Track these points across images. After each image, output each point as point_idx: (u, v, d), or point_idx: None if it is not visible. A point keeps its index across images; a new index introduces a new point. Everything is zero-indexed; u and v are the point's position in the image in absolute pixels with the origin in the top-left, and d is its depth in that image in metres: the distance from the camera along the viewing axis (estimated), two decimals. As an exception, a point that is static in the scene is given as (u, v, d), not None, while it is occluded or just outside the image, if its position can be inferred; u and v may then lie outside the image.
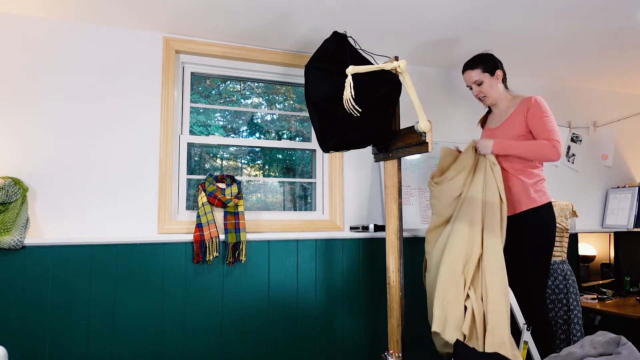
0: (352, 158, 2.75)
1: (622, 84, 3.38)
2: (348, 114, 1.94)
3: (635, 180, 3.56)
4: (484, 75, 2.23)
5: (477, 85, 2.25)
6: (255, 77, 2.70)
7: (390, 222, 2.23)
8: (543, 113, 2.12)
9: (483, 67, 2.23)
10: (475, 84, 2.25)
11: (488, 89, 2.24)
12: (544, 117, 2.11)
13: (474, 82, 2.26)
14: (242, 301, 2.41)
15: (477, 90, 2.27)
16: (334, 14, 2.23)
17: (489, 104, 2.32)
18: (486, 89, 2.24)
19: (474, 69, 2.24)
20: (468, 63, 2.28)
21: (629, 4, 2.16)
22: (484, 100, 2.30)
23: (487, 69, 2.23)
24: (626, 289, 3.21)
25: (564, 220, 2.79)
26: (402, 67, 1.91)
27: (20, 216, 2.07)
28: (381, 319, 2.68)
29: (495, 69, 2.24)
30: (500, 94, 2.28)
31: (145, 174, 2.33)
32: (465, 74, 2.28)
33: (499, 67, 2.25)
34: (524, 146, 2.10)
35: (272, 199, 2.78)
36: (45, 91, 2.20)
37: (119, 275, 2.21)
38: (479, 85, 2.25)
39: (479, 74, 2.23)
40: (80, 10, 2.16)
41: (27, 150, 2.16)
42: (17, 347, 2.04)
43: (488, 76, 2.23)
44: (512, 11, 2.23)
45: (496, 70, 2.24)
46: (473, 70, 2.24)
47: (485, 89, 2.24)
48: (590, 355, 1.51)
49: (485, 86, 2.24)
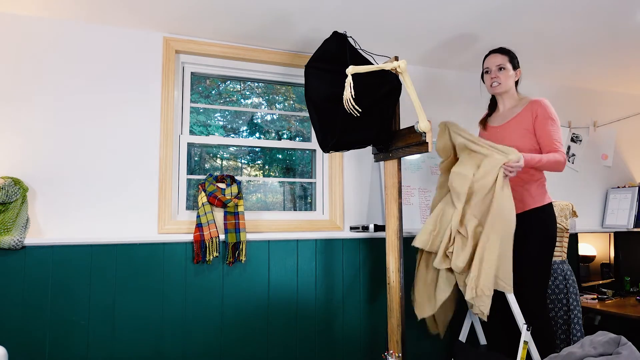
0: (352, 158, 2.75)
1: (622, 84, 3.38)
2: (348, 114, 1.94)
3: (635, 180, 3.56)
4: (508, 64, 2.26)
5: (499, 69, 2.26)
6: (255, 77, 2.70)
7: (390, 222, 2.23)
8: (551, 120, 2.16)
9: (510, 57, 2.27)
10: (497, 67, 2.27)
11: (506, 77, 2.26)
12: (552, 125, 2.15)
13: (497, 65, 2.27)
14: (242, 301, 2.41)
15: (496, 75, 2.27)
16: (334, 14, 2.23)
17: (498, 92, 2.31)
18: (503, 77, 2.26)
19: (502, 54, 2.27)
20: (497, 49, 2.31)
21: (629, 4, 2.17)
22: (495, 87, 2.29)
23: (513, 61, 2.28)
24: (626, 289, 3.21)
25: (564, 220, 2.79)
26: (402, 67, 1.92)
27: (20, 216, 2.07)
28: (381, 319, 2.68)
29: (518, 67, 2.30)
30: (510, 91, 2.30)
31: (145, 173, 2.33)
32: (492, 56, 2.30)
33: (519, 67, 2.31)
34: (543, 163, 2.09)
35: (272, 199, 2.78)
36: (45, 91, 2.20)
37: (119, 275, 2.21)
38: (500, 70, 2.26)
39: (505, 60, 2.26)
40: (80, 10, 2.16)
41: (27, 150, 2.16)
42: (17, 347, 2.04)
43: (511, 67, 2.27)
44: (512, 12, 2.23)
45: (518, 68, 2.30)
46: (501, 55, 2.27)
47: (503, 76, 2.26)
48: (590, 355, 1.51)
49: (504, 73, 2.26)
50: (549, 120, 2.15)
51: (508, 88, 2.28)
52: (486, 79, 2.33)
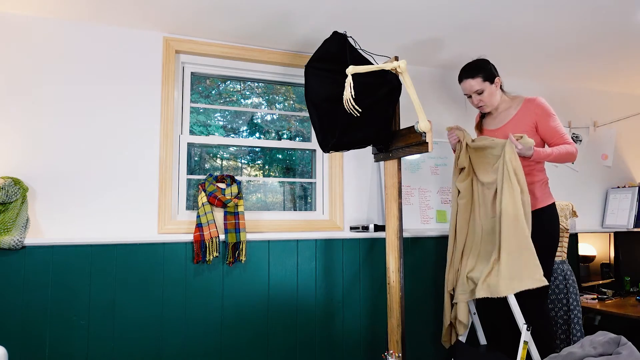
0: (352, 158, 2.75)
1: (622, 84, 3.38)
2: (348, 114, 1.94)
3: (635, 180, 3.56)
4: (484, 84, 2.16)
5: (478, 94, 2.19)
6: (255, 77, 2.70)
7: (390, 222, 2.23)
8: (552, 116, 2.16)
9: (483, 75, 2.17)
10: (476, 93, 2.19)
11: (488, 97, 2.19)
12: (554, 121, 2.16)
13: (474, 91, 2.19)
14: (242, 301, 2.41)
15: (478, 100, 2.20)
16: (334, 13, 2.23)
17: (487, 111, 2.30)
18: (487, 98, 2.19)
19: (474, 78, 2.17)
20: (467, 71, 2.20)
21: (628, 4, 2.17)
22: (482, 108, 2.26)
23: (488, 77, 2.17)
24: (626, 289, 3.21)
25: (564, 220, 2.79)
26: (402, 67, 1.92)
27: (20, 216, 2.07)
28: (381, 319, 2.68)
29: (495, 77, 2.19)
30: (499, 100, 2.25)
31: (146, 173, 2.33)
32: (465, 82, 2.20)
33: (497, 74, 2.21)
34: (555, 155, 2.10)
35: (272, 199, 2.78)
36: (45, 91, 2.20)
37: (119, 275, 2.21)
38: (480, 94, 2.19)
39: (479, 83, 2.16)
40: (80, 10, 2.16)
41: (28, 150, 2.16)
42: (17, 347, 2.04)
43: (488, 84, 2.17)
44: (512, 11, 2.23)
45: (495, 78, 2.19)
46: (473, 79, 2.17)
47: (486, 98, 2.19)
48: (590, 355, 1.51)
49: (485, 95, 2.18)
50: (550, 117, 2.16)
51: (496, 103, 2.23)
52: (470, 102, 2.29)
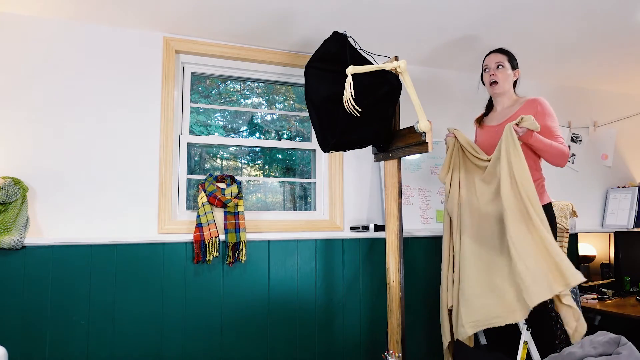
0: (352, 158, 2.75)
1: (622, 84, 3.38)
2: (348, 114, 1.94)
3: (635, 180, 3.56)
4: (507, 63, 2.28)
5: (497, 67, 2.29)
6: (255, 77, 2.70)
7: (390, 222, 2.23)
8: (551, 116, 2.18)
9: (509, 57, 2.30)
10: (496, 65, 2.29)
11: (504, 76, 2.28)
12: (553, 121, 2.17)
13: (495, 62, 2.29)
14: (242, 301, 2.41)
15: (494, 72, 2.29)
16: (334, 14, 2.23)
17: (496, 92, 2.31)
18: (502, 75, 2.28)
19: (502, 54, 2.30)
20: (497, 49, 2.34)
21: (629, 4, 2.17)
22: (494, 86, 2.30)
23: (512, 61, 2.31)
24: (626, 289, 3.21)
25: (564, 220, 2.79)
26: (402, 67, 1.92)
27: (20, 216, 2.07)
28: (381, 319, 2.68)
29: (516, 67, 2.32)
30: (508, 91, 2.31)
31: (145, 173, 2.33)
32: (492, 55, 2.32)
33: (518, 68, 2.33)
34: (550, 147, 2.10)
35: (272, 199, 2.78)
36: (45, 91, 2.20)
37: (119, 275, 2.21)
38: (498, 68, 2.28)
39: (503, 59, 2.29)
40: (80, 10, 2.16)
41: (27, 150, 2.16)
42: (17, 347, 2.04)
43: (510, 67, 2.29)
44: (513, 11, 2.24)
45: (517, 68, 2.32)
46: (501, 54, 2.30)
47: (502, 75, 2.28)
48: (590, 355, 1.51)
49: (502, 71, 2.28)
50: (549, 117, 2.18)
51: (506, 89, 2.29)
52: (485, 77, 2.34)
